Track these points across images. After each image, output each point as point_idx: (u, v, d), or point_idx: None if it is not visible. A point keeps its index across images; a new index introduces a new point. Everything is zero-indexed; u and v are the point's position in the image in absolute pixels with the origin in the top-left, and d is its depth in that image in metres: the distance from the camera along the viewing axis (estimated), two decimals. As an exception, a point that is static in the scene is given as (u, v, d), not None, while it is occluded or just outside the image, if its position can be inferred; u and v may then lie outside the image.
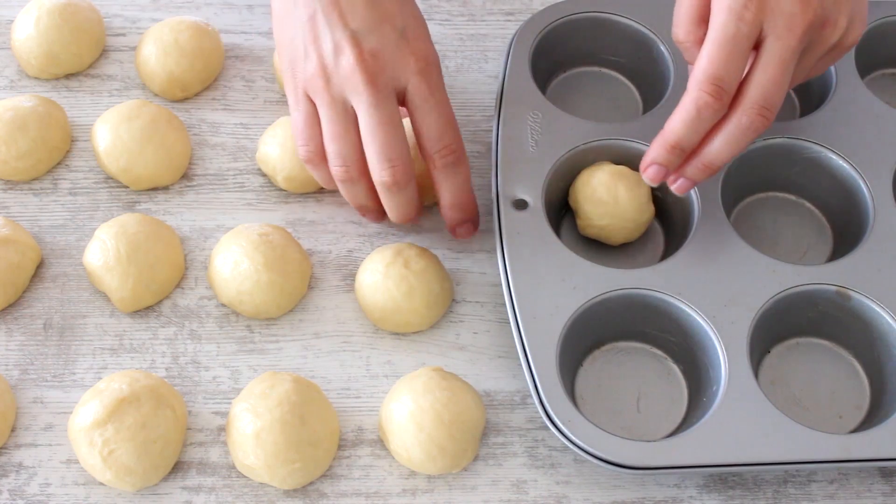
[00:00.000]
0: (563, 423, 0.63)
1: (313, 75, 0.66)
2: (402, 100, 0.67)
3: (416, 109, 0.67)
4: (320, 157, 0.69)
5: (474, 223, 0.73)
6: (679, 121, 0.64)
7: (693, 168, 0.66)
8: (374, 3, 0.66)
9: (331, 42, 0.65)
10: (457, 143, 0.68)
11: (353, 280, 0.74)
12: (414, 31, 0.67)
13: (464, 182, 0.70)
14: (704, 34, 0.64)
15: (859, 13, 0.66)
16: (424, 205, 0.75)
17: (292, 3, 0.67)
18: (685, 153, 0.65)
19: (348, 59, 0.65)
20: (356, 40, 0.65)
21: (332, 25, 0.65)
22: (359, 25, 0.65)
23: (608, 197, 0.71)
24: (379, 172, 0.66)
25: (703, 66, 0.63)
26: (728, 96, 0.63)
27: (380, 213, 0.73)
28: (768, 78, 0.63)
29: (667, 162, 0.65)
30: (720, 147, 0.65)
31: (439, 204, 0.71)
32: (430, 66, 0.67)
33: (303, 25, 0.66)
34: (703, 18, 0.65)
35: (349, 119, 0.66)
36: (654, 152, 0.66)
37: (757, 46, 0.63)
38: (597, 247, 0.74)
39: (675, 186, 0.67)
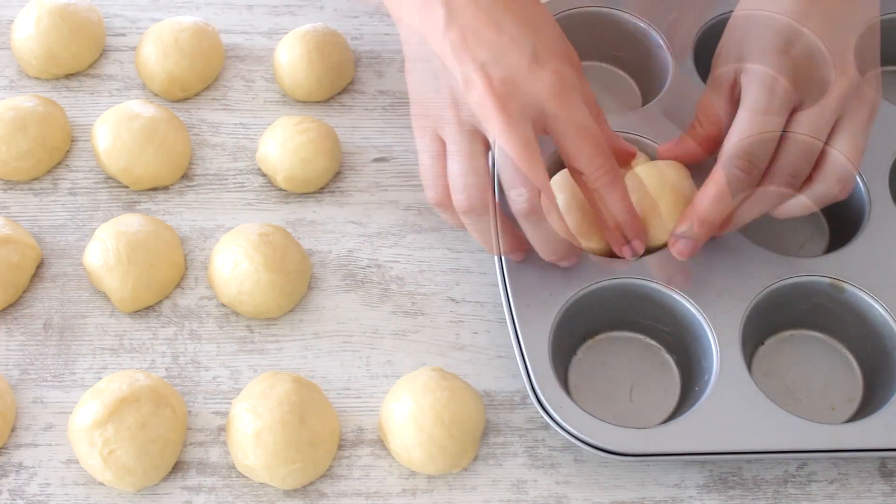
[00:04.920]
0: (555, 410, 0.63)
1: (443, 110, 0.64)
2: (542, 127, 0.64)
3: (558, 134, 0.63)
4: (449, 199, 0.65)
5: (641, 240, 0.67)
6: (709, 196, 0.65)
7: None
8: (501, 31, 0.63)
9: (461, 77, 0.63)
10: (608, 163, 0.64)
11: (353, 280, 0.74)
12: (546, 53, 0.63)
13: (621, 200, 0.65)
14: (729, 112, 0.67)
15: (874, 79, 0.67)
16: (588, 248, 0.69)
17: (420, 45, 0.65)
18: (714, 228, 0.66)
19: (478, 90, 0.62)
20: (484, 71, 0.62)
21: (461, 61, 0.62)
22: (486, 56, 0.62)
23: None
24: (514, 199, 0.63)
25: (733, 141, 0.64)
26: (758, 171, 0.64)
27: (515, 248, 0.68)
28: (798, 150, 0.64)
29: (697, 237, 0.66)
30: (742, 213, 0.66)
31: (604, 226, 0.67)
32: (566, 87, 0.63)
33: (432, 66, 0.65)
34: (734, 101, 0.67)
35: (477, 148, 0.64)
36: (685, 226, 0.66)
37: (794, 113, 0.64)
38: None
39: (677, 250, 0.67)
